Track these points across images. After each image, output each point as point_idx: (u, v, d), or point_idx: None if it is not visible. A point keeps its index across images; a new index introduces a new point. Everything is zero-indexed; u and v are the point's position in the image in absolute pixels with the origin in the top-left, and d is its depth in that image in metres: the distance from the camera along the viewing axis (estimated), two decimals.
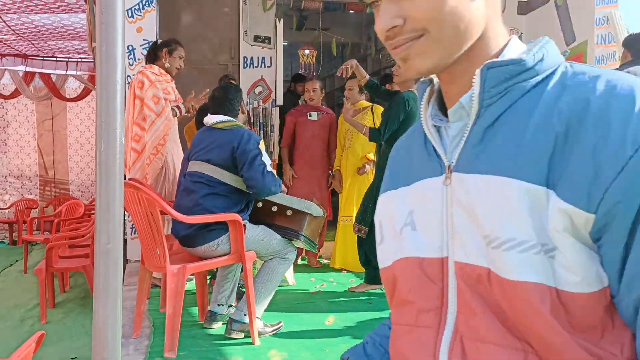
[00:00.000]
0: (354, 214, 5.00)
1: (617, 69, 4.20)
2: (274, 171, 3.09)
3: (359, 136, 5.06)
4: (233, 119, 3.14)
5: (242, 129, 3.07)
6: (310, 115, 5.22)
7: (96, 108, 1.86)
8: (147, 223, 2.84)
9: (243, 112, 3.28)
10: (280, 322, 3.21)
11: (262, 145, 3.04)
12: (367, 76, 4.37)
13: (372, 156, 5.03)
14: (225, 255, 2.98)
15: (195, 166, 3.08)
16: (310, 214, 3.14)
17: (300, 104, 5.86)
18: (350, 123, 4.25)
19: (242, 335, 2.99)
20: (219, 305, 3.26)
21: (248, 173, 2.96)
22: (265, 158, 3.02)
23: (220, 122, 3.11)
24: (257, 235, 3.04)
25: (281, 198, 3.19)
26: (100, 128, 1.82)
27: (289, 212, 3.16)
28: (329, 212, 4.86)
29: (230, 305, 3.30)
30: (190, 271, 2.89)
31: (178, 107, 4.11)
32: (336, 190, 5.27)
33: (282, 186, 3.21)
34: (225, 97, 3.16)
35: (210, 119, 3.16)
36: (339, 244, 5.18)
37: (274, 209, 3.17)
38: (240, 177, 3.00)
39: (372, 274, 4.21)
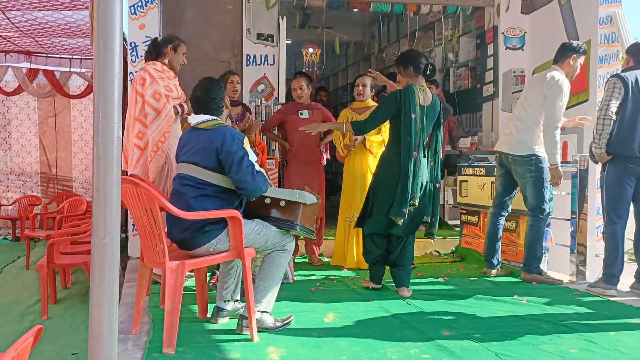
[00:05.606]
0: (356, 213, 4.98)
1: (619, 73, 4.27)
2: (263, 170, 3.06)
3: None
4: (216, 118, 3.11)
5: (224, 129, 3.02)
6: (301, 114, 5.09)
7: (94, 102, 1.86)
8: (147, 219, 2.84)
9: (227, 107, 3.25)
10: (290, 317, 3.21)
11: (246, 142, 3.01)
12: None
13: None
14: (224, 252, 2.99)
15: (183, 168, 3.07)
16: (303, 202, 3.13)
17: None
18: (323, 130, 4.10)
19: None
20: (224, 301, 3.27)
21: (237, 176, 2.92)
22: (252, 156, 2.99)
23: (203, 121, 3.09)
24: (253, 230, 3.04)
25: (273, 192, 3.18)
26: (97, 121, 1.82)
27: (282, 203, 3.15)
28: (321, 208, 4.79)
29: (237, 300, 3.31)
30: (189, 267, 2.89)
31: (180, 105, 4.10)
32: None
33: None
34: (208, 96, 3.12)
35: (193, 119, 3.15)
36: (338, 242, 5.16)
37: (267, 201, 3.15)
38: (230, 178, 2.98)
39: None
